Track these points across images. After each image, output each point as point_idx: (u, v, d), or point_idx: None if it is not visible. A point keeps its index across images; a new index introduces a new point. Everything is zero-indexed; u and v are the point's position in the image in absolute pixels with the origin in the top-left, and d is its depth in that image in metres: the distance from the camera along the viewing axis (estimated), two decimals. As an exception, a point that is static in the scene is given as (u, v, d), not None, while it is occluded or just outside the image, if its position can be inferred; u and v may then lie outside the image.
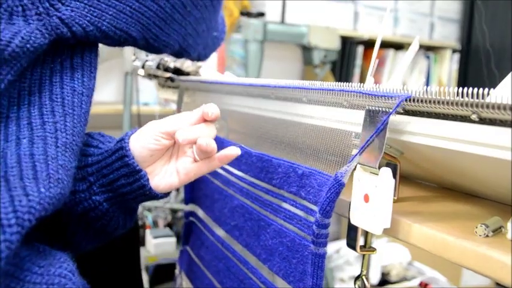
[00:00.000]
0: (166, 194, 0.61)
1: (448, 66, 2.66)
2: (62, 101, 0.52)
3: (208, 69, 0.98)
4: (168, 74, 0.95)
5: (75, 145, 0.52)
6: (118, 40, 0.58)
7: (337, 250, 1.94)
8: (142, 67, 0.96)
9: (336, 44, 2.09)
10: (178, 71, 0.96)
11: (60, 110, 0.52)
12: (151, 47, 0.64)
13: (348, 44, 2.34)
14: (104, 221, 0.60)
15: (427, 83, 2.59)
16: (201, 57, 0.79)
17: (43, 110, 0.51)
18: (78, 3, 0.52)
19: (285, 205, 0.55)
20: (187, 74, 0.96)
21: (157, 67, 0.96)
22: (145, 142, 0.57)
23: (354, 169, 0.45)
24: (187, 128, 0.57)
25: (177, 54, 0.73)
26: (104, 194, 0.58)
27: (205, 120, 0.58)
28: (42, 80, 0.52)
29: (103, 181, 0.58)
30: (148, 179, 0.58)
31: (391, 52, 2.46)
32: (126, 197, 0.59)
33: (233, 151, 0.59)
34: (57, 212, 0.55)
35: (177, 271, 0.92)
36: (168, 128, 0.57)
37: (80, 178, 0.58)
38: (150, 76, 0.97)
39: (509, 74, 0.47)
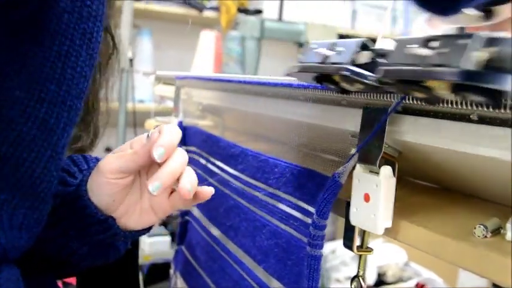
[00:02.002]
0: (149, 229, 0.57)
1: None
2: None
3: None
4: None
5: None
6: None
7: (332, 250, 1.94)
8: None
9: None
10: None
11: None
12: None
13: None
14: (89, 262, 0.55)
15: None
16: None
17: None
18: None
19: (281, 205, 0.54)
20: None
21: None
22: (101, 190, 0.50)
23: (353, 169, 0.45)
24: (158, 175, 0.47)
25: None
26: (82, 239, 0.53)
27: None
28: None
29: (77, 226, 0.52)
30: (118, 227, 0.52)
31: (388, 51, 2.45)
32: (104, 241, 0.53)
33: (208, 192, 0.53)
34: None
35: (171, 271, 0.91)
36: (121, 167, 0.50)
37: (54, 223, 0.52)
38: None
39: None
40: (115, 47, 0.62)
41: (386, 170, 0.42)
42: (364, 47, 0.42)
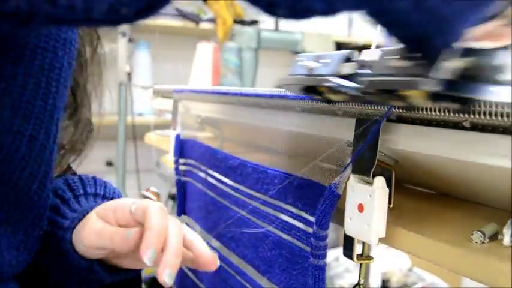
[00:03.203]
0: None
1: (443, 70, 2.66)
2: None
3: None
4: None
5: None
6: None
7: (336, 258, 1.93)
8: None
9: (330, 51, 2.10)
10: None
11: None
12: None
13: (342, 50, 2.35)
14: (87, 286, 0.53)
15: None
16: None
17: None
18: None
19: (283, 216, 0.55)
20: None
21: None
22: (84, 253, 0.48)
23: (348, 178, 0.45)
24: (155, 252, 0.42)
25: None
26: (70, 275, 0.51)
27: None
28: None
29: (63, 265, 0.50)
30: (104, 272, 0.50)
31: (385, 57, 2.46)
32: (98, 281, 0.51)
33: (213, 265, 0.48)
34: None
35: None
36: (100, 246, 0.47)
37: (48, 247, 0.50)
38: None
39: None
40: (99, 39, 0.59)
41: (379, 181, 0.42)
42: (348, 58, 0.42)
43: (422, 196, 0.55)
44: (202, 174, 0.77)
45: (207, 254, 0.47)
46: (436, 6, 0.26)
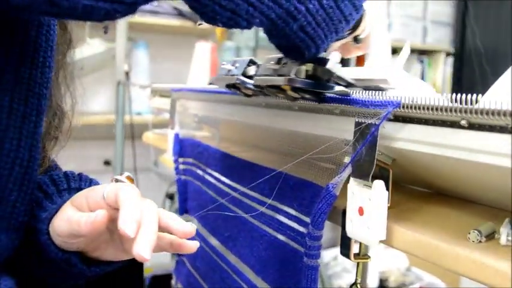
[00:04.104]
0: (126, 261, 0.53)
1: (442, 70, 2.67)
2: None
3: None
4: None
5: None
6: None
7: (334, 257, 1.93)
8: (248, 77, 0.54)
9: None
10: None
11: None
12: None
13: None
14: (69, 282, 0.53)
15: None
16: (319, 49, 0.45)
17: None
18: None
19: (278, 216, 0.55)
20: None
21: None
22: (64, 243, 0.48)
23: (348, 181, 0.45)
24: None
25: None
26: (51, 269, 0.51)
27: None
28: None
29: (42, 257, 0.50)
30: (82, 266, 0.49)
31: (384, 57, 2.46)
32: (80, 275, 0.51)
33: (193, 247, 0.48)
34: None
35: (173, 282, 0.91)
36: (70, 232, 0.46)
37: (30, 240, 0.50)
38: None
39: (497, 81, 0.47)
40: (71, 40, 0.60)
41: (379, 184, 0.42)
42: (251, 63, 0.55)
43: (420, 195, 0.54)
44: (200, 172, 0.77)
45: (183, 227, 0.46)
46: (310, 30, 0.42)
